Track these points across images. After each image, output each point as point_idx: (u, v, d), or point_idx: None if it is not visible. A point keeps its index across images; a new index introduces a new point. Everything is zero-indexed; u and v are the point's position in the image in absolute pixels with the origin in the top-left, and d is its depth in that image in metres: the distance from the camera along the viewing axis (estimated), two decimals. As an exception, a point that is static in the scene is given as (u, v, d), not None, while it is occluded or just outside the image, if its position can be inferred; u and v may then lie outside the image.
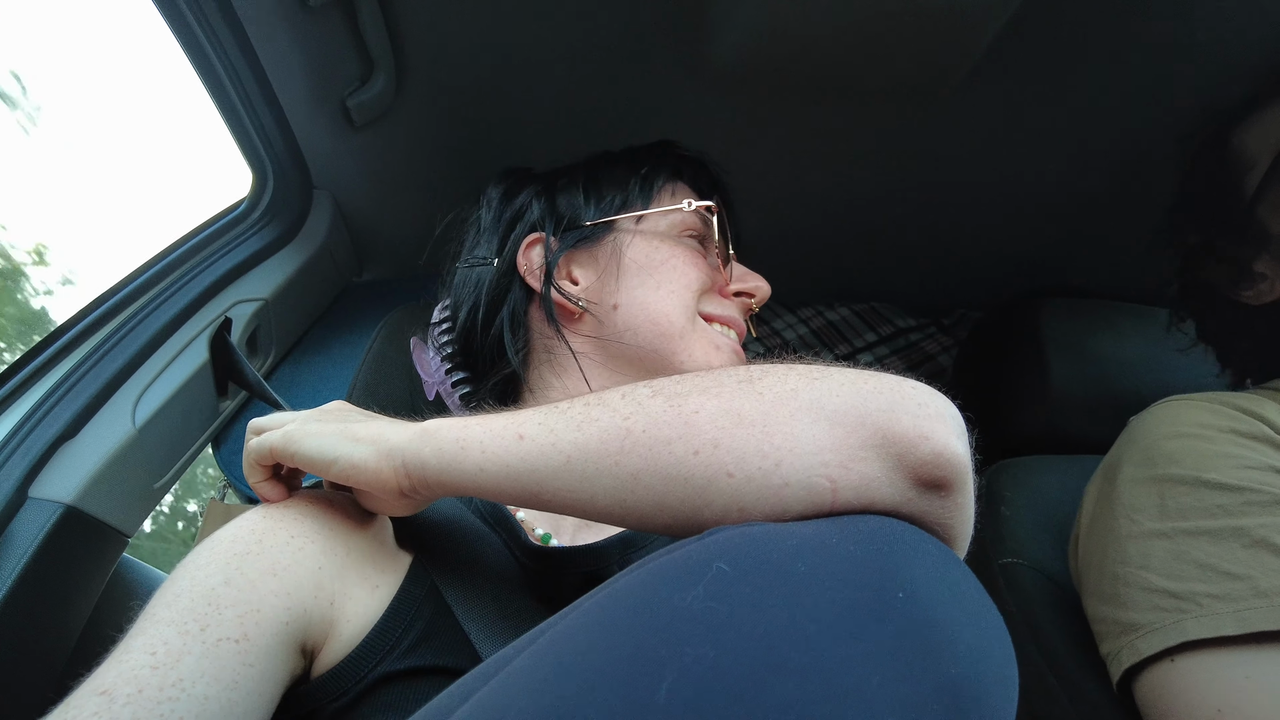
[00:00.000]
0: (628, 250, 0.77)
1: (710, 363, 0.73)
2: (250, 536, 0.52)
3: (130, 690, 0.41)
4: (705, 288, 0.77)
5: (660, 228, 0.79)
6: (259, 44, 0.83)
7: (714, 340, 0.74)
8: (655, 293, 0.74)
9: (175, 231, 0.98)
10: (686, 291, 0.75)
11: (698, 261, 0.77)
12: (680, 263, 0.76)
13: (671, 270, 0.76)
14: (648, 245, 0.77)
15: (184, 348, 0.91)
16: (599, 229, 0.79)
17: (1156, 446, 0.72)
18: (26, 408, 0.80)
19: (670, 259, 0.76)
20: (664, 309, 0.74)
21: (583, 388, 0.74)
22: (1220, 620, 0.60)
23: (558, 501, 0.45)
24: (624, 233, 0.78)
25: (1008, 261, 1.38)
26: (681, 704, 0.28)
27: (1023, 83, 0.98)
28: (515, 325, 0.79)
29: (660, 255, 0.77)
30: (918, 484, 0.40)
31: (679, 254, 0.77)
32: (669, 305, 0.74)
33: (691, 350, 0.73)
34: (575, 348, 0.76)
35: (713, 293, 0.78)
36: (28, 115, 3.90)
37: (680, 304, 0.74)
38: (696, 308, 0.75)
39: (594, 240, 0.79)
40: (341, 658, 0.50)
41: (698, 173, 0.85)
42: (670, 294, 0.74)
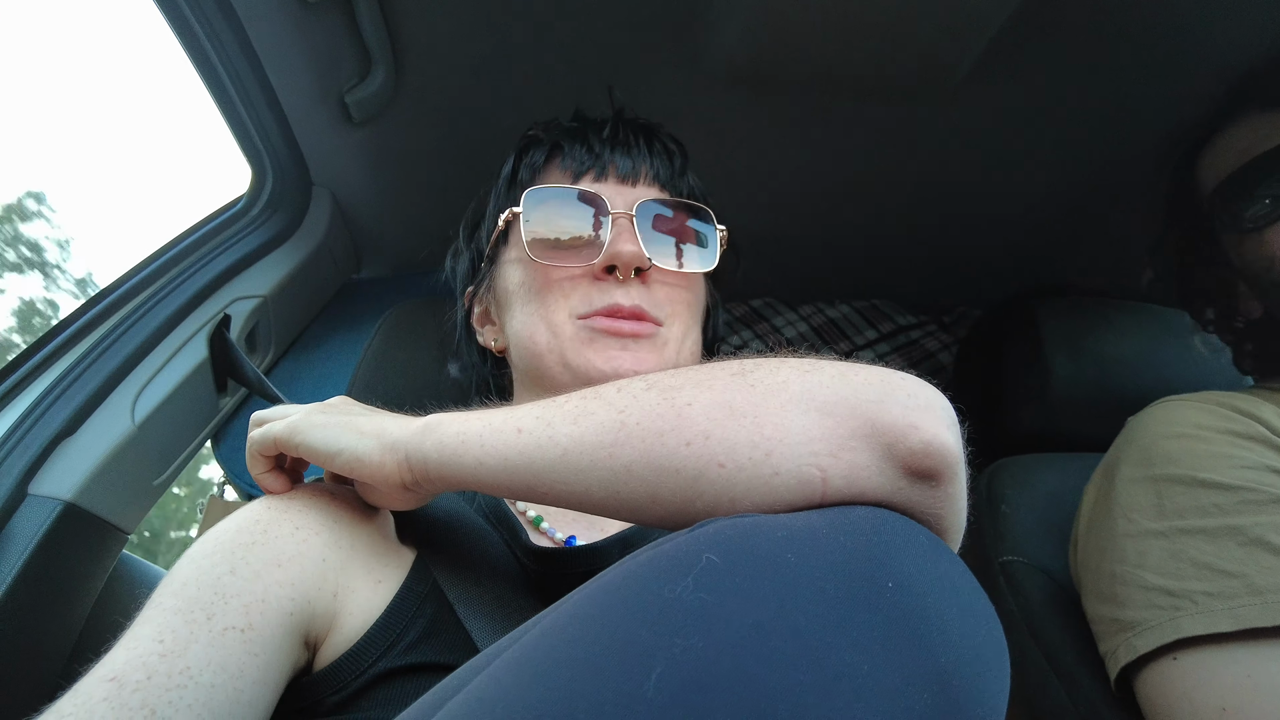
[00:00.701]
0: (500, 281, 0.78)
1: (583, 360, 0.68)
2: (255, 527, 0.52)
3: (139, 677, 0.41)
4: (567, 290, 0.71)
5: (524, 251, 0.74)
6: (258, 40, 0.83)
7: (583, 337, 0.69)
8: (522, 315, 0.73)
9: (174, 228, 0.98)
10: (542, 306, 0.71)
11: (546, 270, 0.72)
12: (531, 279, 0.73)
13: (525, 289, 0.73)
14: (513, 269, 0.76)
15: (183, 345, 0.91)
16: (484, 269, 0.81)
17: (1154, 446, 0.72)
18: (26, 404, 0.80)
19: (524, 279, 0.74)
20: (528, 330, 0.72)
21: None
22: (1215, 617, 0.60)
23: (554, 494, 0.45)
24: (501, 263, 0.79)
25: (1008, 259, 1.37)
26: (670, 694, 0.28)
27: (1022, 81, 0.98)
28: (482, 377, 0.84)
29: (518, 277, 0.75)
30: (908, 474, 0.40)
31: (532, 269, 0.73)
32: (530, 325, 0.72)
33: (564, 358, 0.69)
34: (516, 379, 0.79)
35: (587, 284, 0.71)
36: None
37: (540, 321, 0.71)
38: (567, 311, 0.70)
39: (489, 277, 0.81)
40: (343, 651, 0.50)
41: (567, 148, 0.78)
42: (532, 313, 0.72)
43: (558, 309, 0.71)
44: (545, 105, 1.04)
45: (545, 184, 0.76)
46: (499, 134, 1.08)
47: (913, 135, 1.09)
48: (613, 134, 0.78)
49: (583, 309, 0.70)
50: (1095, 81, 0.97)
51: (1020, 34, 0.88)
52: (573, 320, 0.70)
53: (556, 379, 0.70)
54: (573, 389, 0.66)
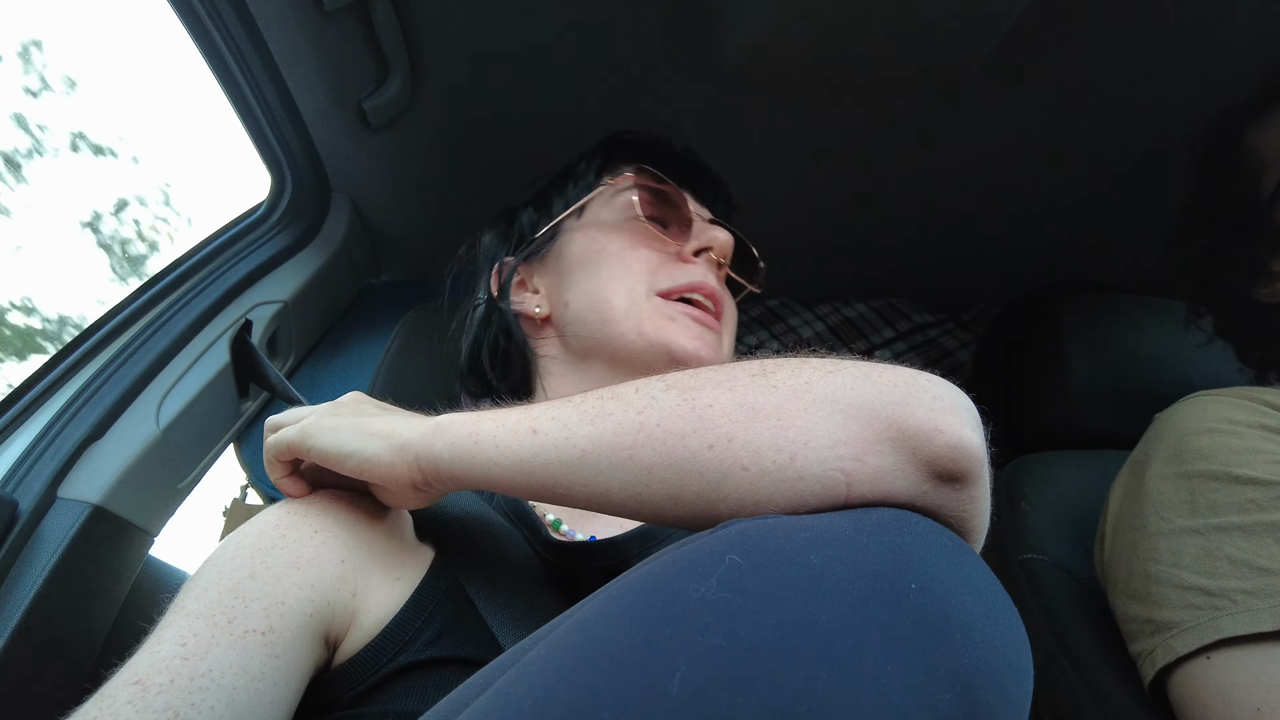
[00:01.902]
0: (568, 248, 0.80)
1: (665, 335, 0.71)
2: (275, 531, 0.53)
3: (163, 680, 0.42)
4: (652, 264, 0.75)
5: (602, 217, 0.80)
6: (276, 48, 0.84)
7: (665, 313, 0.73)
8: (595, 281, 0.75)
9: (195, 236, 0.99)
10: (626, 274, 0.74)
11: (639, 241, 0.77)
12: (617, 246, 0.76)
13: (608, 256, 0.76)
14: (586, 238, 0.79)
15: (205, 350, 0.92)
16: (548, 235, 0.82)
17: (1185, 442, 0.71)
18: (54, 410, 0.82)
19: (607, 245, 0.77)
20: (604, 294, 0.74)
21: (563, 389, 0.76)
22: (1256, 616, 0.59)
23: (572, 495, 0.45)
24: (566, 232, 0.81)
25: (1026, 256, 1.36)
26: (694, 693, 0.28)
27: (1038, 76, 0.97)
28: (496, 349, 0.83)
29: (598, 244, 0.77)
30: (932, 476, 0.40)
31: (616, 238, 0.77)
32: (608, 290, 0.74)
33: (641, 327, 0.71)
34: (545, 352, 0.79)
35: (672, 263, 0.76)
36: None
37: (621, 287, 0.74)
38: (648, 285, 0.74)
39: (545, 248, 0.82)
40: (362, 646, 0.51)
41: (639, 152, 0.84)
42: (609, 279, 0.74)
43: (639, 280, 0.74)
44: (560, 108, 1.05)
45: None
46: (515, 138, 1.09)
47: (929, 133, 1.08)
48: (690, 160, 0.87)
49: (666, 284, 0.74)
50: (1112, 76, 0.97)
51: (1038, 28, 0.87)
52: (651, 296, 0.73)
53: (626, 347, 0.72)
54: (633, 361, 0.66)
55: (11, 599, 0.71)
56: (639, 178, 0.80)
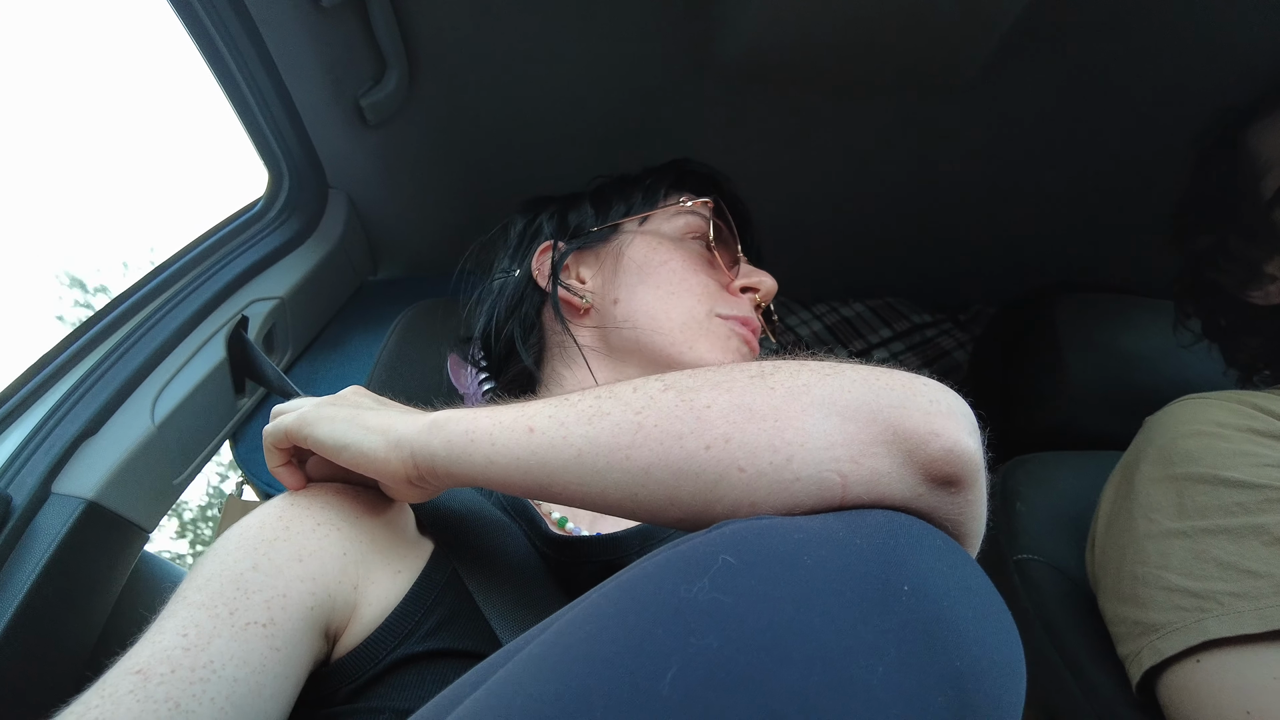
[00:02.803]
0: (628, 249, 0.81)
1: (718, 358, 0.74)
2: (278, 523, 0.53)
3: (164, 670, 0.42)
4: (711, 289, 0.78)
5: (663, 230, 0.83)
6: (273, 45, 0.84)
7: (722, 335, 0.76)
8: (654, 292, 0.77)
9: (192, 231, 0.99)
10: (688, 294, 0.77)
11: (698, 264, 0.79)
12: (679, 265, 0.78)
13: (670, 272, 0.78)
14: (647, 245, 0.80)
15: (201, 346, 0.92)
16: (604, 233, 0.83)
17: (1174, 445, 0.72)
18: (49, 405, 0.81)
19: (670, 260, 0.79)
20: (663, 306, 0.76)
21: (585, 380, 0.77)
22: (1243, 618, 0.59)
23: (568, 494, 0.45)
24: (627, 234, 0.83)
25: (1023, 257, 1.37)
26: (686, 693, 0.28)
27: (1035, 76, 0.97)
28: (528, 325, 0.83)
29: (660, 256, 0.79)
30: (928, 480, 0.40)
31: (679, 256, 0.79)
32: (669, 304, 0.76)
33: (695, 346, 0.74)
34: (581, 340, 0.79)
35: (724, 293, 0.80)
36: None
37: (681, 304, 0.76)
38: (707, 308, 0.77)
39: (600, 243, 0.83)
40: (361, 640, 0.51)
41: (702, 183, 0.87)
42: (669, 295, 0.77)
43: (700, 300, 0.77)
44: (559, 106, 1.05)
45: None
46: (511, 136, 1.09)
47: (927, 132, 1.08)
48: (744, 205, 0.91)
49: (724, 310, 0.77)
50: (1111, 76, 0.97)
51: (1035, 27, 0.87)
52: (712, 317, 0.77)
53: (676, 357, 0.74)
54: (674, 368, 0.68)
55: (5, 595, 0.71)
56: (714, 206, 0.83)
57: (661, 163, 0.89)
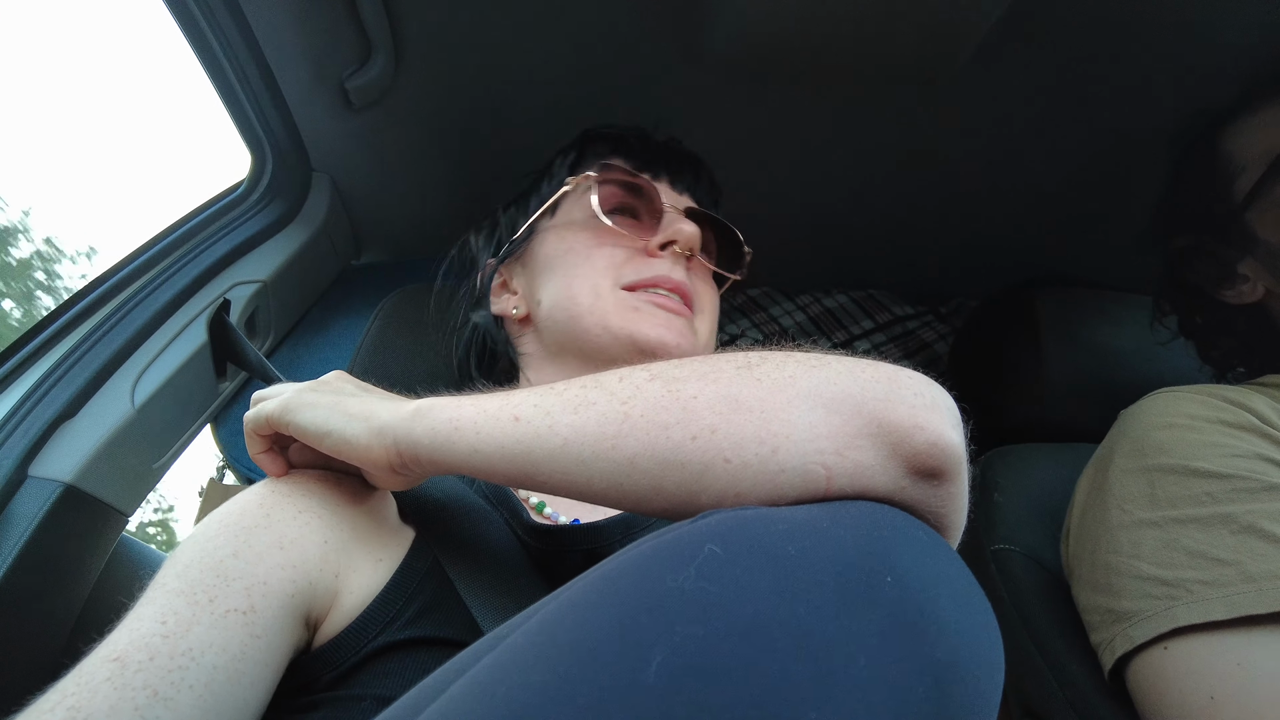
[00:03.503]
0: (541, 248, 0.81)
1: (629, 326, 0.72)
2: (258, 510, 0.53)
3: (142, 657, 0.42)
4: (617, 259, 0.77)
5: (574, 215, 0.82)
6: (258, 26, 0.83)
7: (630, 304, 0.74)
8: (564, 279, 0.77)
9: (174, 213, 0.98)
10: (590, 270, 0.76)
11: (605, 238, 0.78)
12: (582, 244, 0.78)
13: (574, 254, 0.77)
14: (557, 237, 0.80)
15: (183, 329, 0.91)
16: (521, 237, 0.84)
17: (1146, 437, 0.73)
18: (26, 387, 0.80)
19: (573, 244, 0.78)
20: (570, 291, 0.75)
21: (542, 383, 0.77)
22: (1210, 606, 0.61)
23: (553, 484, 0.45)
24: (540, 232, 0.83)
25: (1005, 250, 1.38)
26: (670, 681, 0.28)
27: (1021, 71, 0.98)
28: (483, 350, 0.85)
29: (565, 243, 0.79)
30: (912, 472, 0.40)
31: (583, 236, 0.79)
32: (574, 287, 0.75)
33: (606, 320, 0.73)
34: (525, 349, 0.81)
35: (638, 258, 0.77)
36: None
37: (586, 284, 0.75)
38: (613, 279, 0.75)
39: (522, 248, 0.84)
40: (342, 628, 0.51)
41: (616, 146, 0.86)
42: (576, 276, 0.76)
43: (604, 275, 0.75)
44: (546, 93, 1.04)
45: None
46: (498, 121, 1.09)
47: (910, 125, 1.09)
48: (667, 148, 0.87)
49: (631, 278, 0.75)
50: (1095, 71, 0.97)
51: (1020, 25, 0.88)
52: (616, 290, 0.75)
53: (592, 340, 0.73)
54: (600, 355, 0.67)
55: (-20, 579, 0.70)
56: (602, 174, 0.81)
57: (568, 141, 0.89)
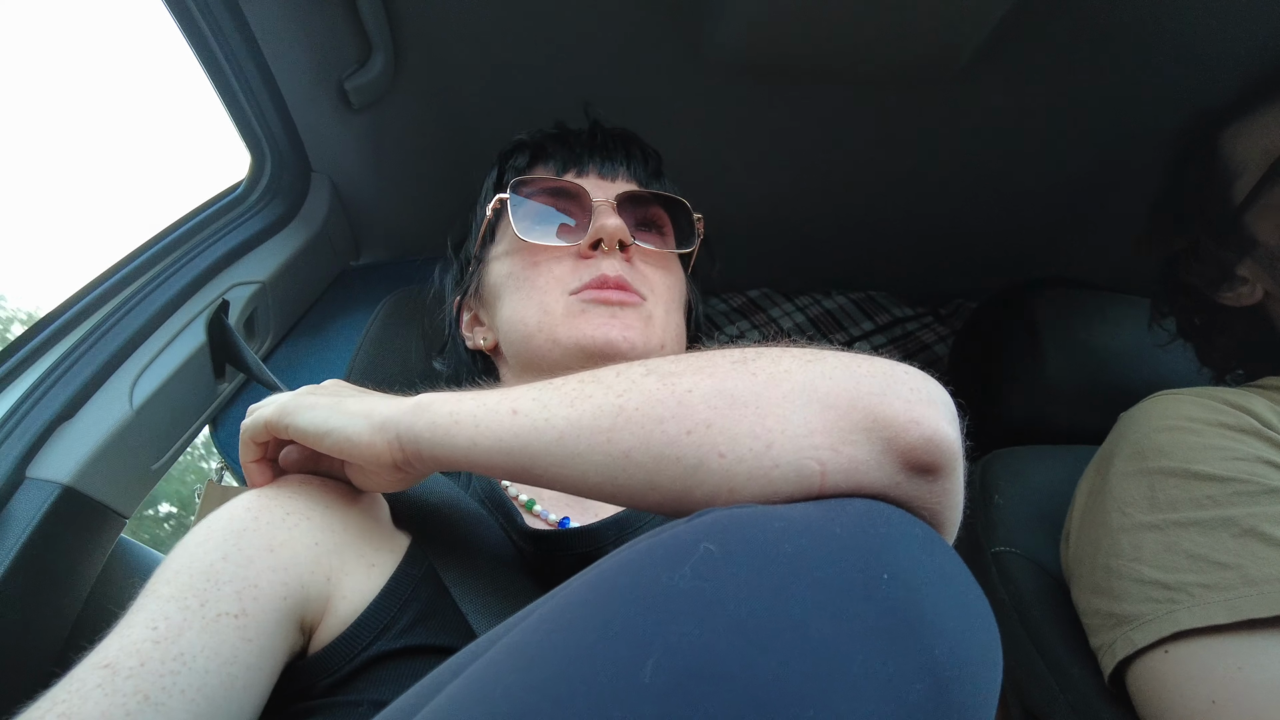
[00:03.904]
0: (488, 278, 0.80)
1: (575, 332, 0.70)
2: (247, 515, 0.53)
3: (133, 664, 0.42)
4: (556, 273, 0.74)
5: (508, 241, 0.79)
6: (257, 26, 0.83)
7: (574, 310, 0.72)
8: (511, 303, 0.76)
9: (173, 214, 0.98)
10: (532, 290, 0.74)
11: (537, 255, 0.75)
12: (519, 267, 0.76)
13: (515, 279, 0.76)
14: (499, 264, 0.79)
15: (181, 330, 0.91)
16: (473, 271, 0.83)
17: (1146, 440, 0.73)
18: (24, 388, 0.80)
19: (513, 267, 0.77)
20: (519, 314, 0.74)
21: None
22: (1211, 609, 0.61)
23: (549, 477, 0.45)
24: (487, 263, 0.81)
25: (1005, 252, 1.38)
26: (666, 681, 0.28)
27: (1021, 73, 0.98)
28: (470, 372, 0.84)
29: (506, 268, 0.77)
30: (907, 468, 0.40)
31: (519, 258, 0.76)
32: (521, 308, 0.74)
33: (555, 334, 0.71)
34: (504, 377, 0.80)
35: (578, 264, 0.75)
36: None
37: (531, 302, 0.73)
38: (557, 292, 0.73)
39: (478, 280, 0.82)
40: (337, 634, 0.51)
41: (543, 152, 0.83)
42: (521, 300, 0.74)
43: (549, 289, 0.73)
44: (544, 93, 1.04)
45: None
46: (498, 122, 1.08)
47: (910, 126, 1.09)
48: (591, 137, 0.83)
49: (573, 284, 0.73)
50: (1095, 73, 0.97)
51: (1022, 23, 0.88)
52: (564, 298, 0.72)
53: (546, 356, 0.71)
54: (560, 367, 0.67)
55: (-22, 580, 0.70)
56: (517, 193, 0.77)
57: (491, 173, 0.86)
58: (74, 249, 10.87)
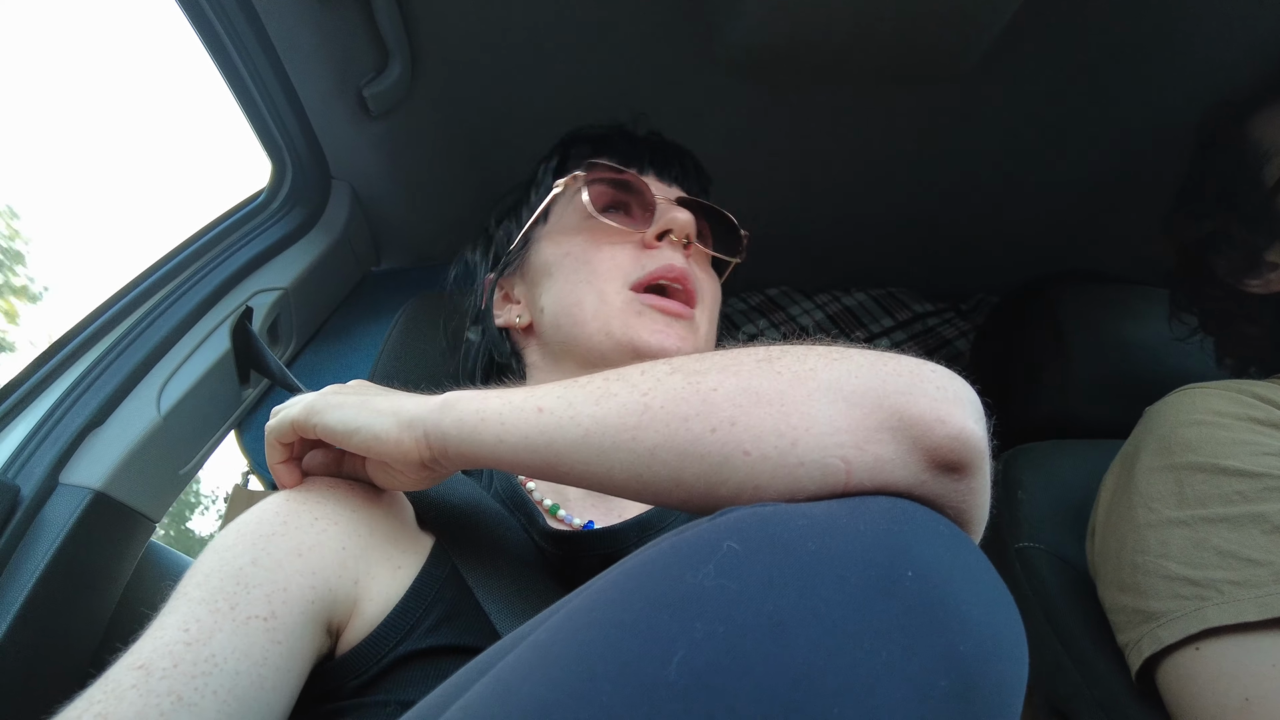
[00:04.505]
0: (537, 257, 0.80)
1: (630, 332, 0.71)
2: (275, 518, 0.53)
3: (166, 665, 0.42)
4: (618, 258, 0.75)
5: (567, 220, 0.80)
6: (276, 36, 0.84)
7: (634, 309, 0.72)
8: (566, 284, 0.75)
9: (196, 222, 0.99)
10: (592, 274, 0.74)
11: (600, 237, 0.76)
12: (580, 248, 0.76)
13: (573, 259, 0.76)
14: (553, 244, 0.79)
15: (206, 337, 0.93)
16: (517, 248, 0.83)
17: (1173, 434, 0.72)
18: (55, 396, 0.82)
19: (570, 248, 0.77)
20: (574, 297, 0.74)
21: None
22: (1242, 606, 0.60)
23: (575, 475, 0.45)
24: (536, 241, 0.82)
25: (1025, 246, 1.36)
26: (691, 678, 0.28)
27: (1039, 66, 0.97)
28: (491, 364, 0.84)
29: (562, 248, 0.78)
30: (933, 466, 0.40)
31: (579, 239, 0.77)
32: (579, 292, 0.74)
33: (609, 326, 0.71)
34: (530, 359, 0.80)
35: (639, 253, 0.76)
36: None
37: (590, 288, 0.74)
38: (620, 280, 0.74)
39: (520, 259, 0.83)
40: (364, 636, 0.51)
41: (596, 145, 0.84)
42: (578, 282, 0.74)
43: (609, 278, 0.74)
44: (561, 97, 1.05)
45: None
46: (515, 126, 1.09)
47: (928, 122, 1.08)
48: (650, 141, 0.86)
49: (637, 273, 0.74)
50: (1114, 66, 0.96)
51: (1037, 18, 0.87)
52: (623, 291, 0.73)
53: (594, 346, 0.72)
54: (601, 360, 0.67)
55: (13, 585, 0.71)
56: (590, 173, 0.79)
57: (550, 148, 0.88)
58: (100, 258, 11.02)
